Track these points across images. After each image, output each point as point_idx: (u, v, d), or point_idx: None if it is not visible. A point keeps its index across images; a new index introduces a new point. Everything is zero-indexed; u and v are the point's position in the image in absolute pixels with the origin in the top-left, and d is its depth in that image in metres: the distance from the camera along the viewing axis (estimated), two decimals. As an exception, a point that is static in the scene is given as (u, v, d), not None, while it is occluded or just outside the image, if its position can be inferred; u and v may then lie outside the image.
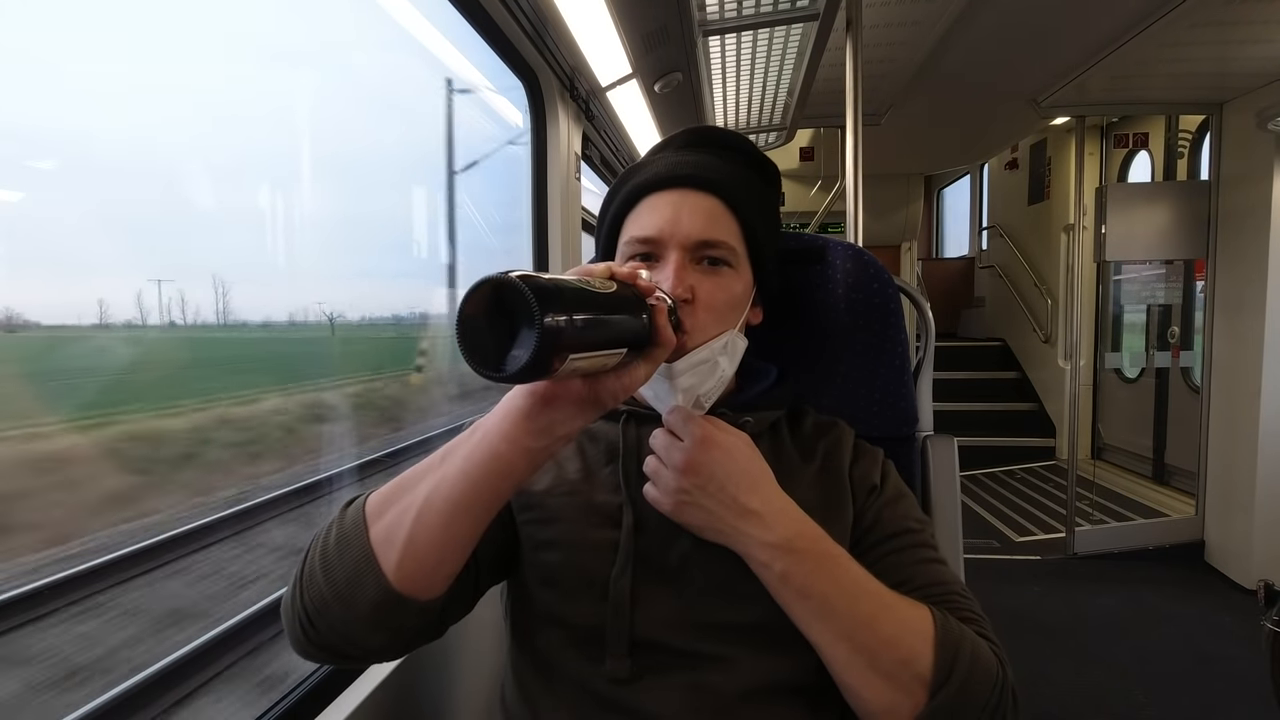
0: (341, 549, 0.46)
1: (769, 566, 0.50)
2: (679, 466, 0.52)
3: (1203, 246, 2.93)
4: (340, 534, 0.47)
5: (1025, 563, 2.96)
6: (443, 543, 0.45)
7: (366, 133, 16.21)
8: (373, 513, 0.47)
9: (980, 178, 6.44)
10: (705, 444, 0.52)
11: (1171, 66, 2.41)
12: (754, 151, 0.68)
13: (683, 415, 0.54)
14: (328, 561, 0.46)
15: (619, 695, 0.53)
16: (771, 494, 0.53)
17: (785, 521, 0.51)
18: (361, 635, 0.46)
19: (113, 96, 9.22)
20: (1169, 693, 1.96)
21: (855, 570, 0.51)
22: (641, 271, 0.46)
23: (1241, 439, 2.72)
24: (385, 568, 0.45)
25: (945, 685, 0.46)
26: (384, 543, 0.45)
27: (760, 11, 1.60)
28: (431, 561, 0.46)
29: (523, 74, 1.46)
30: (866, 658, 0.48)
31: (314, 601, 0.46)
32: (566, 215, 1.62)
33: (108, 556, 2.86)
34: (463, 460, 0.45)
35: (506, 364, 0.35)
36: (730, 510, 0.51)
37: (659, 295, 0.47)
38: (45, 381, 5.06)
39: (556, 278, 0.37)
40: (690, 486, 0.52)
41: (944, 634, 0.48)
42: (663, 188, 0.61)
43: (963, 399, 4.85)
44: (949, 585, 0.55)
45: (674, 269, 0.57)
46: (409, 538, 0.45)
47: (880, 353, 0.77)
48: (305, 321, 10.39)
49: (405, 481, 0.47)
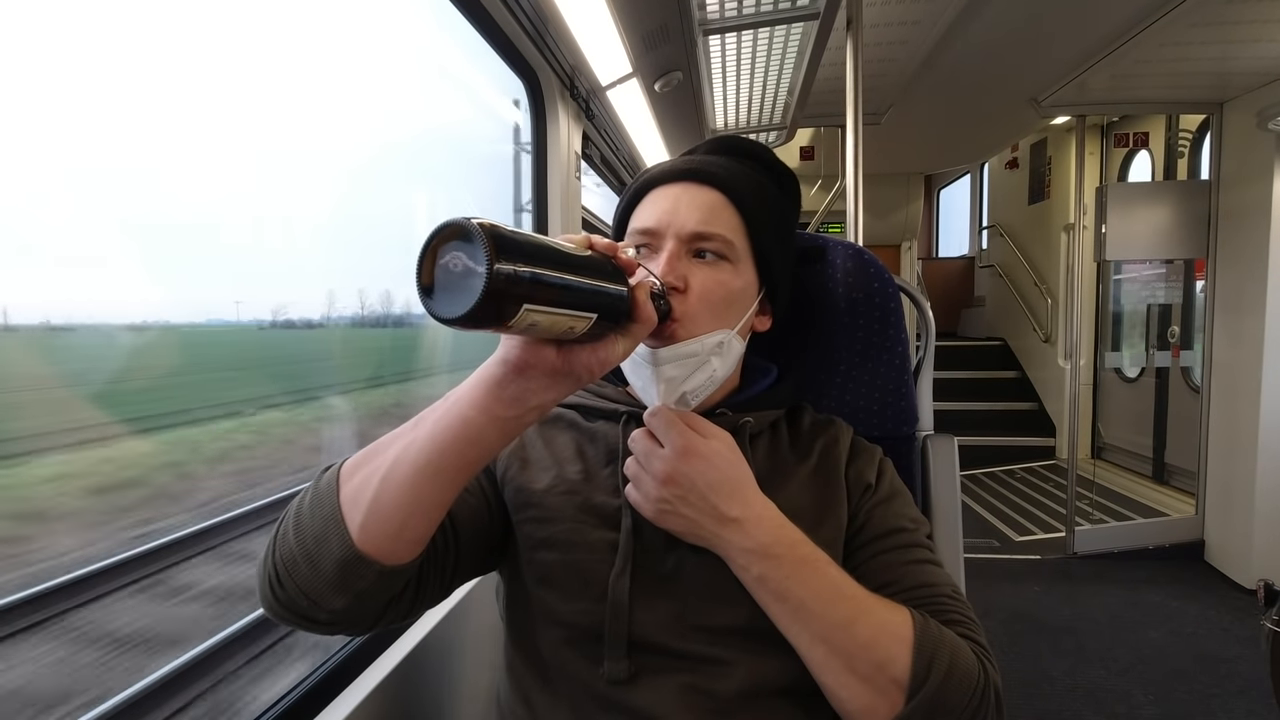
0: (313, 509, 0.47)
1: (747, 570, 0.51)
2: (659, 477, 0.52)
3: (1203, 246, 2.93)
4: (314, 495, 0.48)
5: (1025, 562, 2.97)
6: (408, 505, 0.45)
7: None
8: (345, 475, 0.47)
9: (980, 177, 6.44)
10: (686, 454, 0.52)
11: (1171, 66, 2.41)
12: (773, 160, 0.67)
13: (665, 420, 0.54)
14: (299, 521, 0.47)
15: (617, 695, 0.53)
16: (752, 499, 0.53)
17: (765, 528, 0.52)
18: (325, 595, 0.46)
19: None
20: (1168, 692, 1.96)
21: (833, 574, 0.51)
22: (628, 249, 0.46)
23: (1241, 439, 2.72)
24: (350, 527, 0.45)
25: (922, 688, 0.47)
26: (351, 503, 0.45)
27: (760, 11, 1.59)
28: (395, 523, 0.45)
29: (523, 73, 1.46)
30: (843, 660, 0.48)
31: (284, 559, 0.46)
32: (567, 215, 1.62)
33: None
34: (432, 425, 0.45)
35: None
36: (711, 518, 0.52)
37: (644, 274, 0.46)
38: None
39: (524, 231, 0.36)
40: (671, 496, 0.52)
41: (922, 637, 0.48)
42: (667, 182, 0.62)
43: (963, 398, 4.85)
44: (937, 586, 0.55)
45: (667, 257, 0.57)
46: (374, 498, 0.45)
47: (880, 352, 0.77)
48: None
49: (379, 445, 0.48)
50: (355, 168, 19.25)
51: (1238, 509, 2.75)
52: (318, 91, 18.81)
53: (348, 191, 17.75)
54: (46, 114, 8.13)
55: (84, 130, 12.58)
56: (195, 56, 11.77)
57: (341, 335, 10.13)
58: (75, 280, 7.31)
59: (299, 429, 6.80)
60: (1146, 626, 2.36)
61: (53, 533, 4.03)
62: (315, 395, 7.32)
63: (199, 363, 8.74)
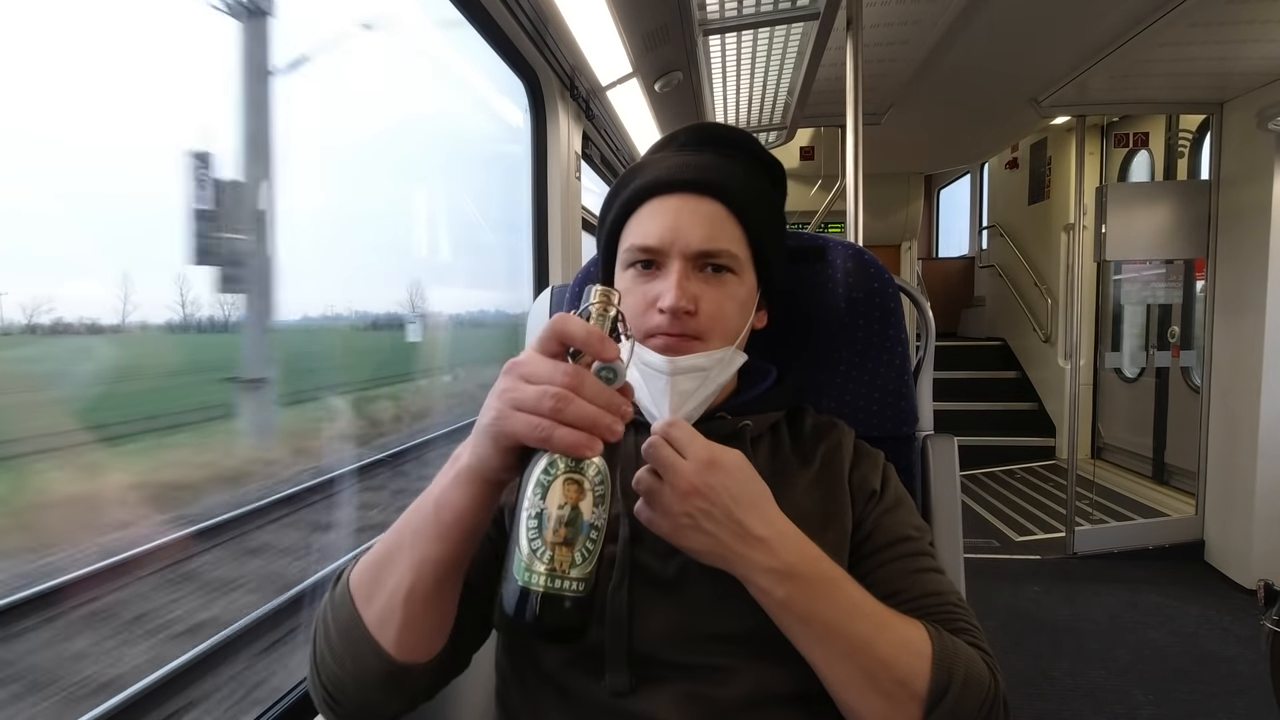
0: (344, 636, 0.49)
1: (770, 593, 0.49)
2: (683, 489, 0.48)
3: (1203, 246, 2.92)
4: (338, 621, 0.49)
5: (1025, 562, 2.96)
6: (436, 609, 0.48)
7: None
8: (360, 598, 0.48)
9: (980, 177, 6.44)
10: (712, 466, 0.49)
11: (1171, 66, 2.41)
12: (760, 150, 0.66)
13: (687, 431, 0.51)
14: (333, 647, 0.49)
15: (619, 706, 0.53)
16: (774, 517, 0.51)
17: (790, 546, 0.50)
18: (381, 703, 0.49)
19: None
20: (1168, 692, 1.96)
21: (854, 592, 0.50)
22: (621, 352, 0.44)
23: (1241, 439, 2.72)
24: (385, 646, 0.47)
25: (941, 702, 0.47)
26: (380, 626, 0.47)
27: (760, 11, 1.59)
28: (428, 630, 0.49)
29: (523, 73, 1.46)
30: (865, 678, 0.48)
31: (330, 682, 0.49)
32: (566, 214, 1.62)
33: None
34: (435, 528, 0.46)
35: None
36: (735, 536, 0.49)
37: (627, 350, 0.45)
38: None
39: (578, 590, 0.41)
40: (695, 510, 0.48)
41: (940, 651, 0.49)
42: (664, 192, 0.59)
43: (963, 398, 4.85)
44: (944, 595, 0.55)
45: (676, 279, 0.56)
46: (404, 618, 0.47)
47: (880, 352, 0.77)
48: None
49: (385, 557, 0.48)
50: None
51: (1238, 509, 2.74)
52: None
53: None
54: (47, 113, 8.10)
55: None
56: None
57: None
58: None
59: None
60: (1146, 626, 2.36)
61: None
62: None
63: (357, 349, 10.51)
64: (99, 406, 4.56)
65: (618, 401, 0.42)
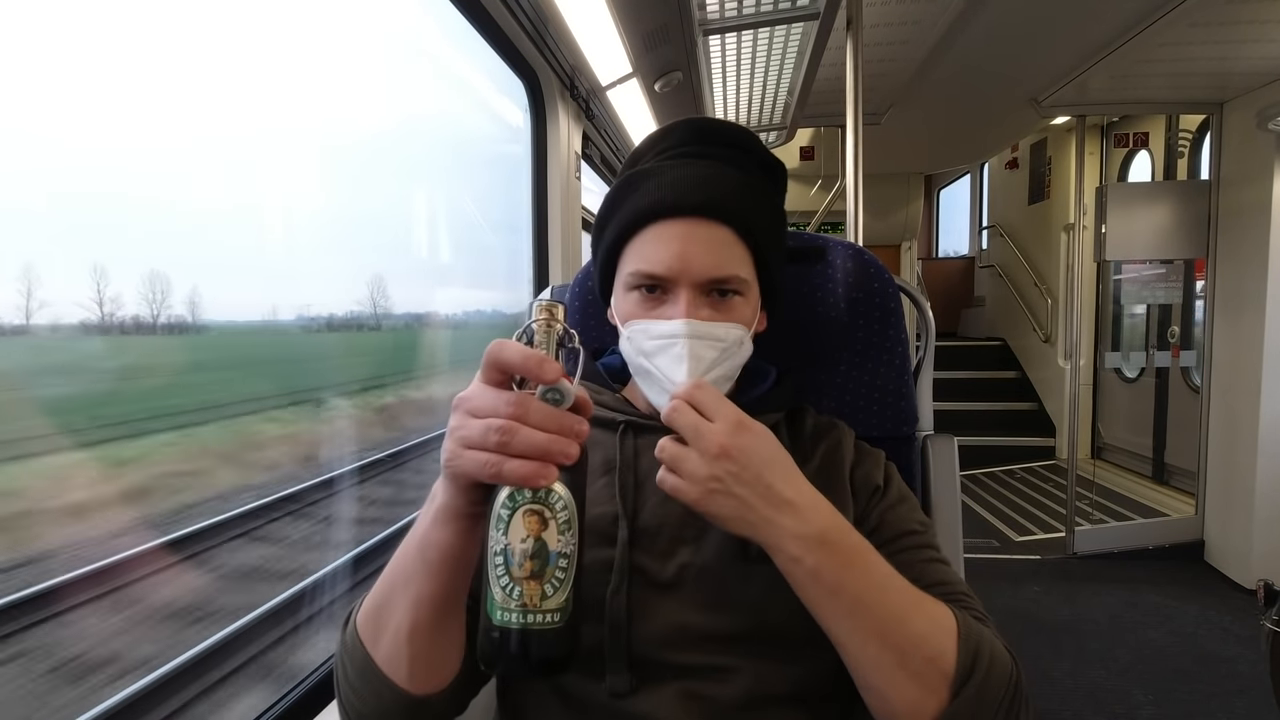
0: (359, 677, 0.49)
1: (800, 561, 0.46)
2: (713, 451, 0.46)
3: (1203, 246, 2.93)
4: (353, 662, 0.50)
5: (1025, 562, 2.96)
6: (442, 641, 0.49)
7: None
8: (368, 640, 0.49)
9: (980, 177, 6.44)
10: (741, 427, 0.48)
11: (1171, 66, 2.41)
12: (762, 151, 0.64)
13: (713, 393, 0.49)
14: (354, 686, 0.50)
15: (619, 707, 0.53)
16: (803, 484, 0.49)
17: (821, 513, 0.48)
18: None
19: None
20: (1168, 692, 1.96)
21: (884, 565, 0.48)
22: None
23: (1241, 439, 2.72)
24: (399, 682, 0.48)
25: (968, 683, 0.45)
26: (391, 664, 0.48)
27: (760, 11, 1.59)
28: (438, 660, 0.49)
29: (523, 73, 1.46)
30: (896, 656, 0.46)
31: (357, 716, 0.51)
32: (566, 214, 1.62)
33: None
34: (425, 567, 0.46)
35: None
36: (765, 500, 0.47)
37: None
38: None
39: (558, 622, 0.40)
40: (724, 474, 0.46)
41: (966, 631, 0.47)
42: (670, 215, 0.57)
43: (963, 398, 4.85)
44: (954, 585, 0.55)
45: (684, 309, 0.56)
46: (411, 655, 0.47)
47: (880, 352, 0.77)
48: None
49: (383, 601, 0.49)
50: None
51: (1238, 509, 2.74)
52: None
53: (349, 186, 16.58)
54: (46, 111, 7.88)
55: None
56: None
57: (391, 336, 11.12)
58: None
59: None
60: (1146, 626, 2.36)
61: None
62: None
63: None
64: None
65: (569, 422, 0.40)
